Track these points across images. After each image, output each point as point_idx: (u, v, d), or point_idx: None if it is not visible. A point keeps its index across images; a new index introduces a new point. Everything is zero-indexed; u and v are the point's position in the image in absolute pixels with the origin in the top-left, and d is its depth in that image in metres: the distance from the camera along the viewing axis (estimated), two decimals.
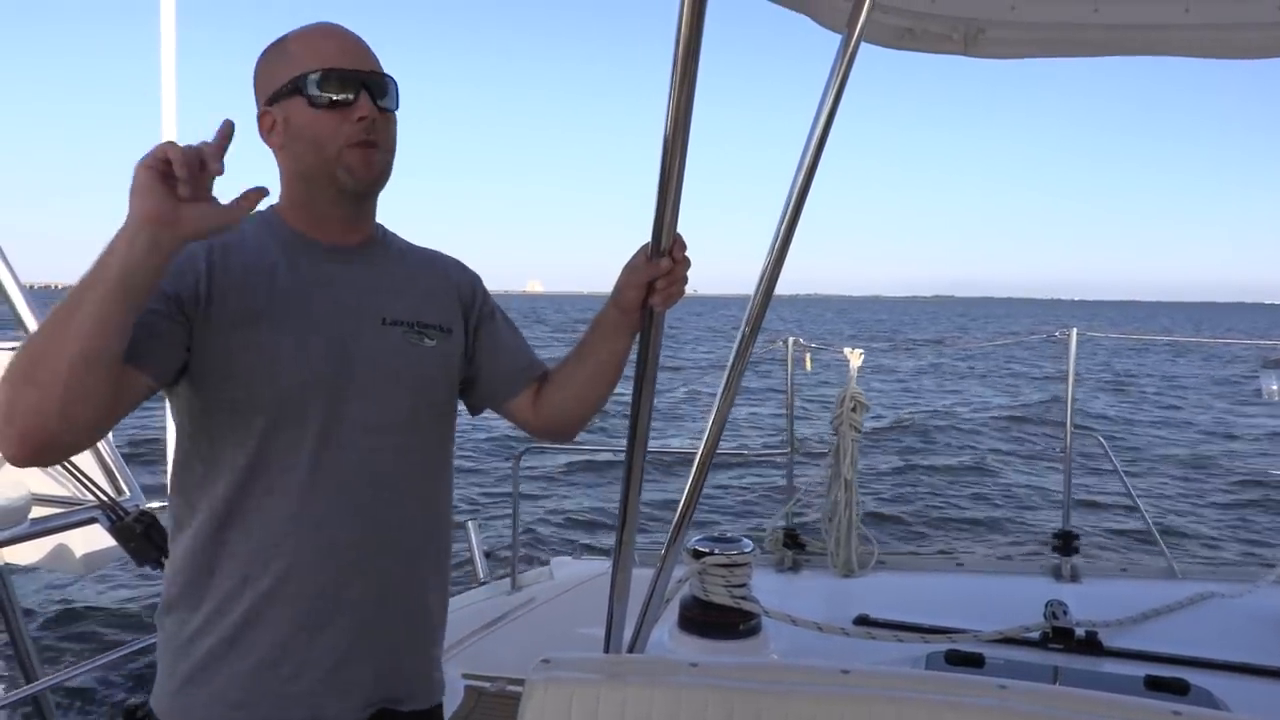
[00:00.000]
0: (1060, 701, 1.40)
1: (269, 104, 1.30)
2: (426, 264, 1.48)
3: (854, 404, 3.72)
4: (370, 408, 1.32)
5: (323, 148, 1.27)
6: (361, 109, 1.27)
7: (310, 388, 1.28)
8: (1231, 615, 3.07)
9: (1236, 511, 10.00)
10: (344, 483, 1.30)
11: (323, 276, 1.33)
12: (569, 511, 9.50)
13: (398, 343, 1.36)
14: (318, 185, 1.30)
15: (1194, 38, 2.05)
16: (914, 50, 2.06)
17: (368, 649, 1.34)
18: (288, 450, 1.27)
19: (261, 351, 1.25)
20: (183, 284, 1.21)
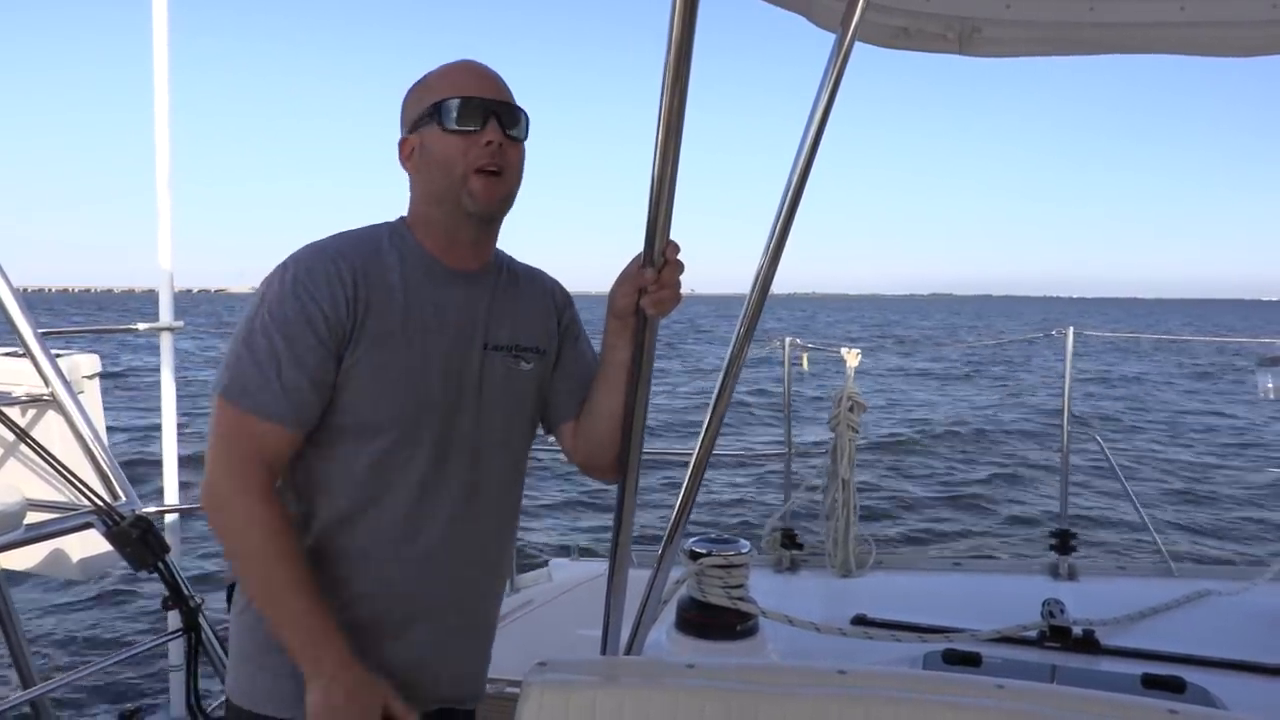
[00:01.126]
0: (1057, 701, 1.40)
1: (410, 131, 1.40)
2: (533, 288, 1.55)
3: (851, 404, 3.72)
4: (474, 428, 1.42)
5: (451, 170, 1.35)
6: (489, 134, 1.35)
7: (428, 409, 1.37)
8: (1228, 613, 3.07)
9: (1232, 509, 10.01)
10: (446, 499, 1.40)
11: (444, 299, 1.40)
12: (567, 513, 9.49)
13: (499, 367, 1.44)
14: (445, 207, 1.38)
15: (1189, 35, 2.05)
16: (909, 50, 2.06)
17: (442, 655, 1.44)
18: (402, 466, 1.36)
19: (390, 373, 1.34)
20: (335, 315, 1.31)
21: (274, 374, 1.28)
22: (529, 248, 1.83)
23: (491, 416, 1.44)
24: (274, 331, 1.29)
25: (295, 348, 1.29)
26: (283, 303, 1.30)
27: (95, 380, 2.97)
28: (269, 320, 1.30)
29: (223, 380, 1.31)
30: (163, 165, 3.08)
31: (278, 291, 1.31)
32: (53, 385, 2.45)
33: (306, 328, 1.29)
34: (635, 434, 1.48)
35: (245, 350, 1.30)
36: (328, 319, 1.30)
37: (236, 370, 1.30)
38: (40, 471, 2.64)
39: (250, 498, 1.27)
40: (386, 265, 1.37)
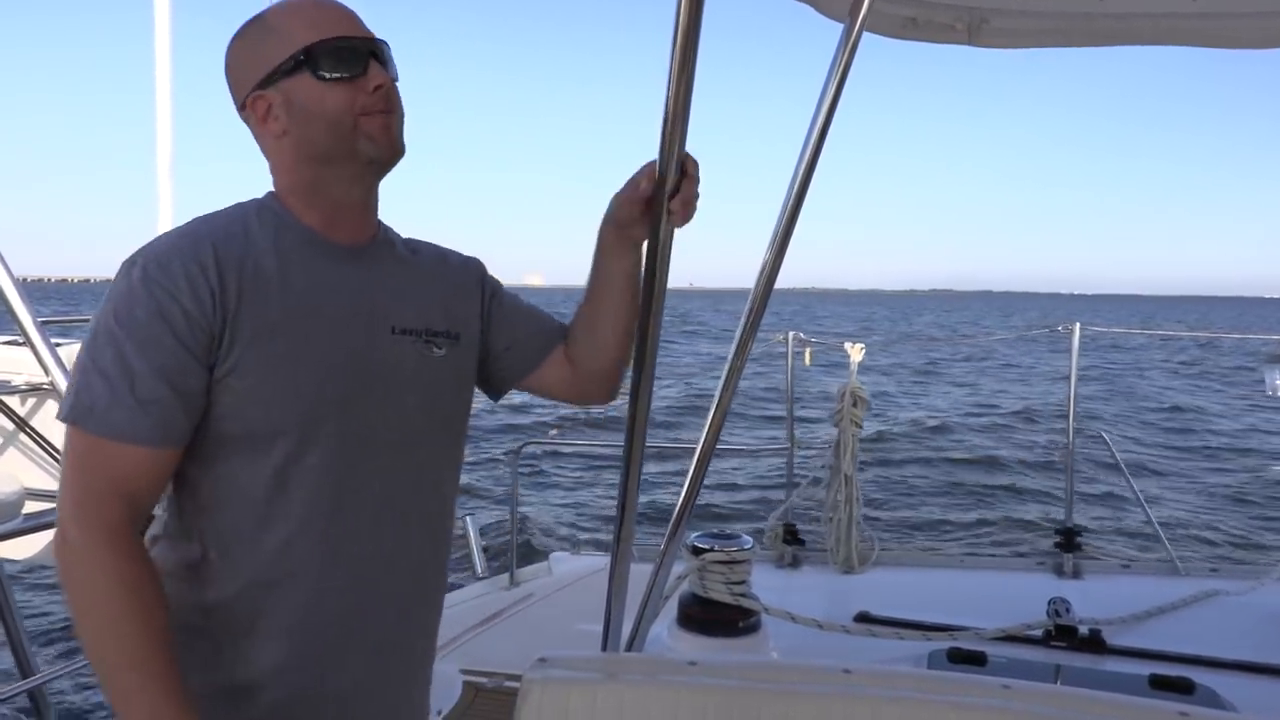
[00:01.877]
0: (1065, 702, 1.38)
1: (262, 86, 1.19)
2: (435, 263, 1.39)
3: (854, 399, 3.70)
4: (385, 426, 1.23)
5: (339, 122, 1.17)
6: (376, 78, 1.19)
7: (328, 406, 1.18)
8: (1236, 613, 3.05)
9: (1239, 507, 9.98)
10: (365, 506, 1.23)
11: (336, 280, 1.22)
12: (567, 506, 9.49)
13: (409, 353, 1.27)
14: (336, 165, 1.20)
15: (1201, 27, 2.02)
16: (917, 40, 2.03)
17: (382, 683, 1.28)
18: (307, 474, 1.18)
19: (278, 370, 1.15)
20: (199, 312, 1.10)
21: (126, 387, 1.07)
22: (527, 243, 1.76)
23: (405, 410, 1.26)
24: (123, 338, 1.08)
25: (150, 353, 1.08)
26: (132, 304, 1.09)
27: None
28: (115, 326, 1.08)
29: (67, 403, 1.09)
30: (163, 152, 3.05)
31: (124, 291, 1.09)
32: (52, 374, 2.44)
33: (164, 328, 1.08)
34: (638, 426, 1.46)
35: (90, 363, 1.08)
36: (189, 316, 1.09)
37: (82, 388, 1.08)
38: (39, 460, 2.64)
39: (99, 543, 1.06)
40: (257, 247, 1.17)
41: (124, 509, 1.09)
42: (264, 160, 1.26)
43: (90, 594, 1.06)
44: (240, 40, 1.22)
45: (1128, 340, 34.51)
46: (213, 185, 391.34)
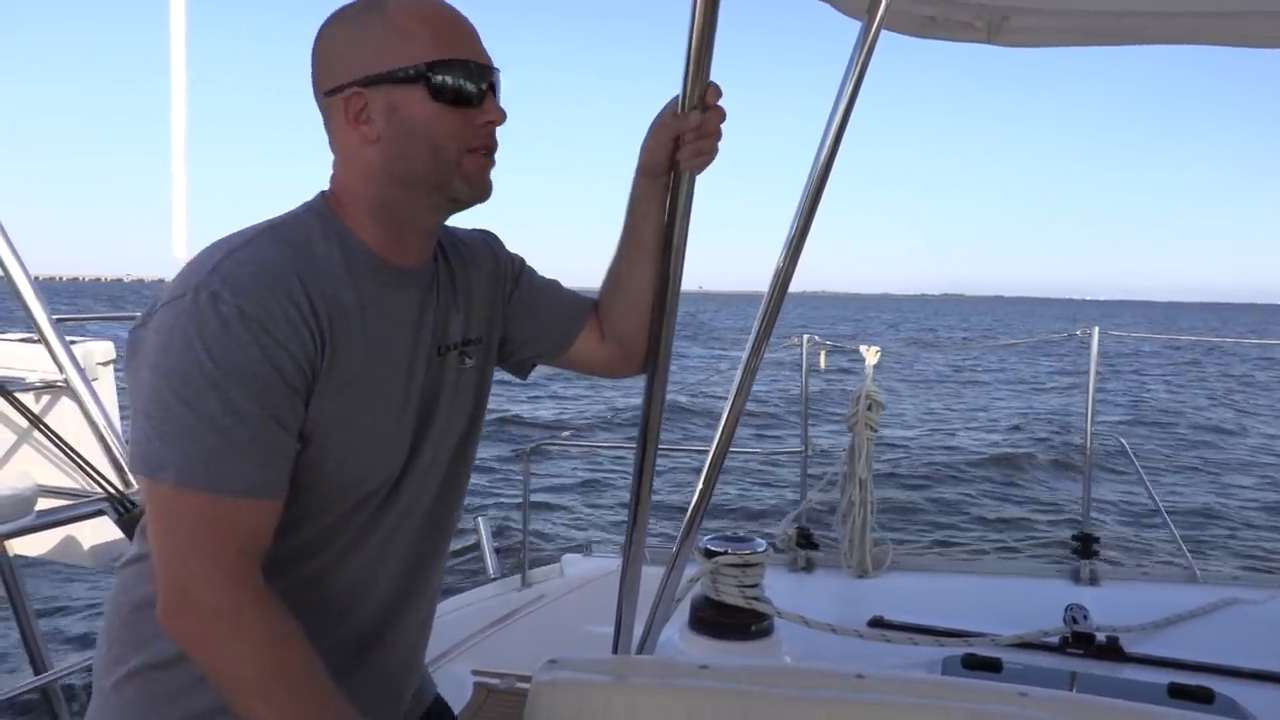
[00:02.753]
0: (1084, 711, 1.36)
1: (365, 85, 1.07)
2: (470, 261, 1.30)
3: (869, 403, 3.67)
4: (433, 456, 1.20)
5: (442, 151, 1.08)
6: (490, 113, 1.10)
7: (395, 450, 1.13)
8: (1256, 622, 3.01)
9: (1258, 514, 9.87)
10: (406, 537, 1.19)
11: (396, 310, 1.14)
12: (579, 508, 9.48)
13: (450, 373, 1.22)
14: (421, 192, 1.11)
15: (1225, 26, 1.99)
16: (936, 38, 2.00)
17: (392, 693, 1.26)
18: (358, 511, 1.12)
19: (355, 418, 1.07)
20: (304, 355, 1.01)
21: (246, 436, 0.96)
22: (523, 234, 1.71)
23: (448, 434, 1.22)
24: (229, 383, 0.95)
25: (267, 400, 0.97)
26: (230, 345, 0.95)
27: (109, 367, 2.97)
28: (214, 369, 0.94)
29: (161, 461, 0.95)
30: (178, 151, 3.06)
31: (215, 331, 0.95)
32: (66, 372, 2.45)
33: (275, 375, 0.98)
34: (651, 428, 1.45)
35: (188, 414, 0.94)
36: (296, 361, 0.99)
37: (183, 442, 0.94)
38: (53, 458, 2.64)
39: (256, 607, 0.97)
40: (334, 276, 1.07)
41: (255, 567, 1.00)
42: (275, 157, 1.22)
43: (268, 661, 0.97)
44: (348, 24, 1.10)
45: (1144, 345, 34.24)
46: (226, 184, 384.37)
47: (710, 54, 1.20)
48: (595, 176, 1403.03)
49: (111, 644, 1.12)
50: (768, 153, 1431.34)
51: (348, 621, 1.16)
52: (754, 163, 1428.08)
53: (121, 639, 1.11)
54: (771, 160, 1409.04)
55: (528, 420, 15.19)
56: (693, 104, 1.23)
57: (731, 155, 1.53)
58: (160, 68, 2.96)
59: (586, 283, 1.64)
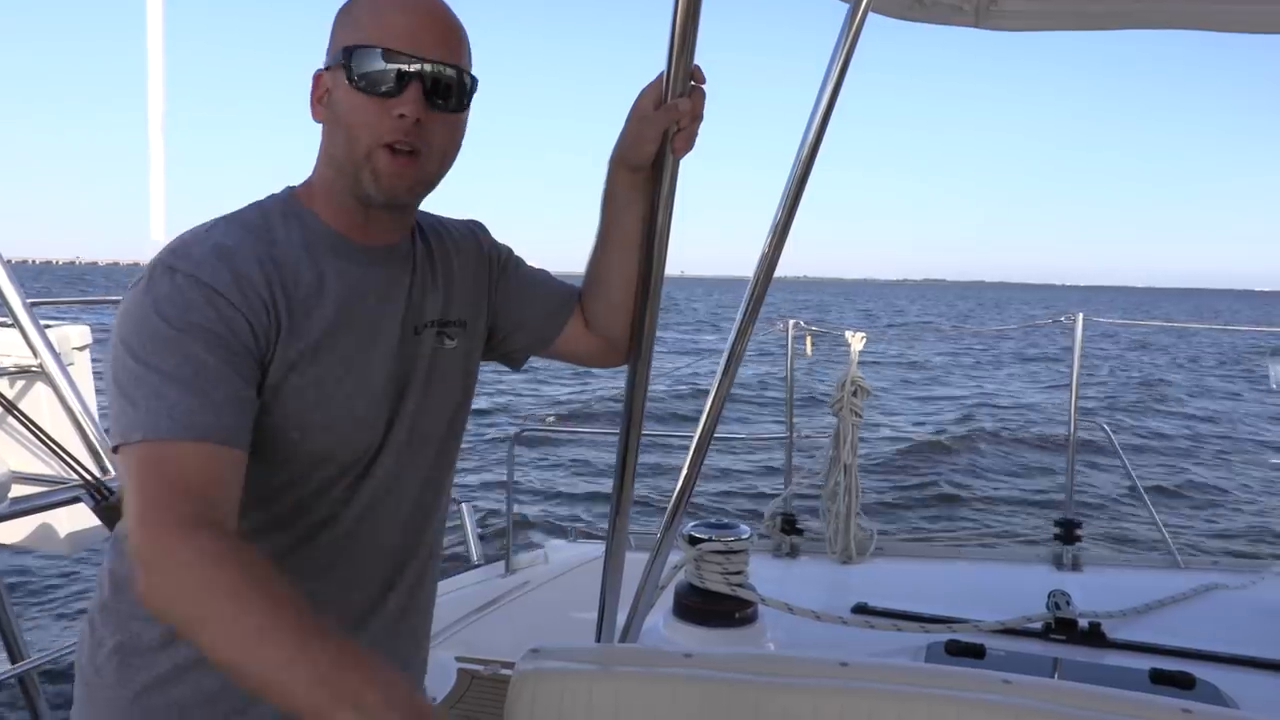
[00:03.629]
0: (1067, 698, 1.36)
1: (327, 66, 1.09)
2: (458, 243, 1.29)
3: (855, 388, 3.67)
4: (402, 425, 1.18)
5: (355, 140, 1.05)
6: (405, 104, 1.04)
7: (366, 424, 1.13)
8: (1236, 607, 3.03)
9: (1239, 500, 9.97)
10: (380, 508, 1.17)
11: (363, 285, 1.13)
12: (564, 494, 9.47)
13: (426, 350, 1.20)
14: (345, 180, 1.09)
15: (1212, 11, 1.98)
16: (923, 21, 1.99)
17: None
18: (330, 486, 1.12)
19: (319, 389, 1.07)
20: (259, 324, 1.01)
21: (207, 383, 0.96)
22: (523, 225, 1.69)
23: (420, 409, 1.20)
24: (184, 339, 0.96)
25: (222, 354, 0.98)
26: (183, 305, 0.97)
27: (85, 352, 2.93)
28: (168, 328, 0.96)
29: (132, 423, 0.94)
30: (156, 135, 3.02)
31: (169, 294, 0.98)
32: (41, 356, 2.41)
33: (229, 333, 0.99)
34: (635, 413, 1.43)
35: (150, 374, 0.95)
36: (250, 327, 1.00)
37: (149, 401, 0.94)
38: (27, 444, 2.60)
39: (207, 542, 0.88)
40: (292, 255, 1.07)
41: (222, 514, 0.93)
42: (267, 145, 1.20)
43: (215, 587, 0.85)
44: (339, 12, 1.11)
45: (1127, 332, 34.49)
46: (206, 171, 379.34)
47: (694, 39, 1.18)
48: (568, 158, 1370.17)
49: (94, 625, 1.13)
50: (751, 137, 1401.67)
51: (331, 604, 1.15)
52: (738, 147, 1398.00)
53: (102, 618, 1.12)
54: (755, 144, 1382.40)
55: (512, 406, 15.17)
56: (678, 90, 1.21)
57: (716, 140, 1.50)
58: (138, 45, 2.91)
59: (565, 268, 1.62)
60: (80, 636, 1.16)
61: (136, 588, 0.90)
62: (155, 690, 1.08)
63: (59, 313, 3.27)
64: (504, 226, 34.71)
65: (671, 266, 1.39)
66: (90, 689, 1.12)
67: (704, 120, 1.25)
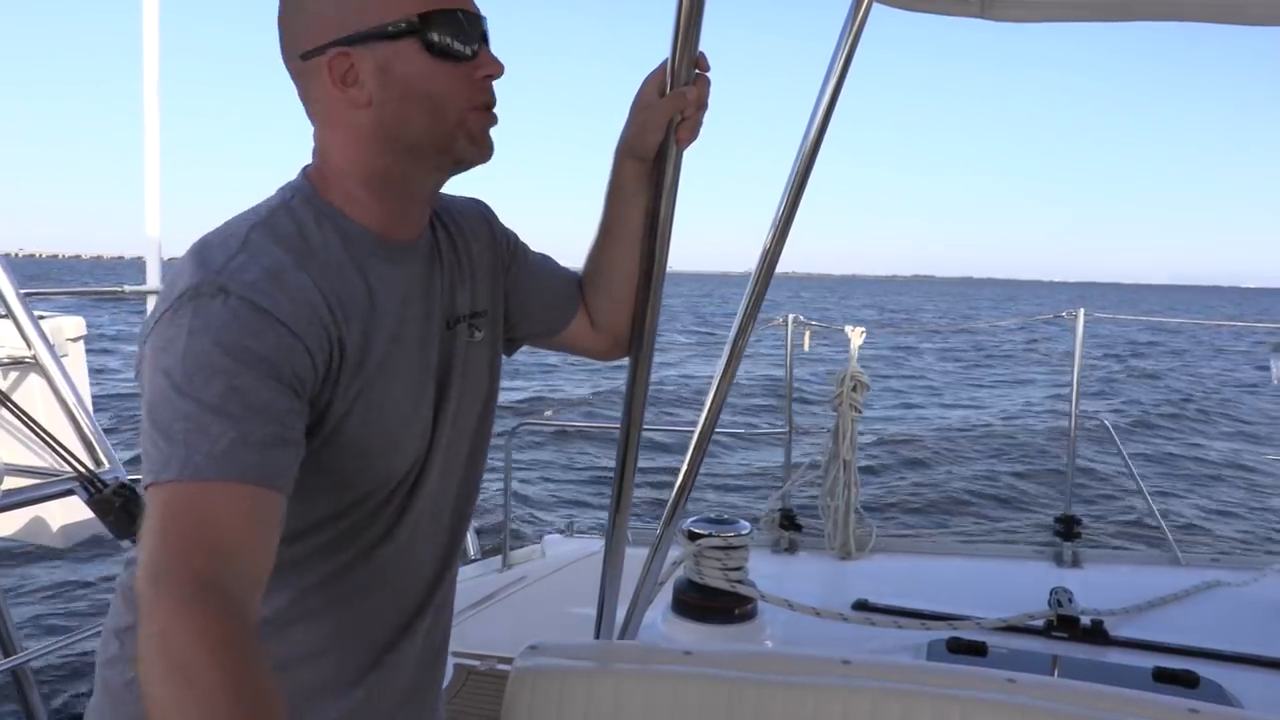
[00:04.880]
0: (1072, 697, 1.34)
1: (350, 44, 0.97)
2: (470, 233, 1.22)
3: (854, 383, 3.65)
4: (450, 429, 1.12)
5: (442, 110, 0.99)
6: (489, 64, 1.02)
7: (420, 434, 1.07)
8: (1239, 605, 3.02)
9: (1240, 497, 9.97)
10: (428, 516, 1.12)
11: (405, 289, 1.06)
12: (562, 488, 9.47)
13: (462, 347, 1.15)
14: (420, 158, 1.02)
15: (1215, 3, 1.96)
16: (929, 12, 1.96)
17: (430, 683, 1.23)
18: (386, 503, 1.06)
19: (380, 411, 1.01)
20: (318, 358, 0.93)
21: (257, 419, 0.86)
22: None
23: (465, 411, 1.15)
24: (237, 370, 0.87)
25: (277, 387, 0.89)
26: (242, 334, 0.88)
27: (80, 343, 2.91)
28: (222, 356, 0.87)
29: (160, 461, 0.84)
30: (152, 128, 3.00)
31: (223, 318, 0.88)
32: (35, 347, 2.39)
33: (288, 368, 0.90)
34: (635, 407, 1.41)
35: (193, 407, 0.85)
36: (310, 356, 0.92)
37: (188, 436, 0.84)
38: (21, 436, 2.58)
39: (202, 605, 0.78)
40: (337, 264, 0.98)
41: (219, 568, 0.82)
42: (261, 142, 1.13)
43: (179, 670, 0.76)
44: None
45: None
46: (196, 165, 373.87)
47: (699, 28, 1.17)
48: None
49: (121, 641, 1.07)
50: (754, 130, 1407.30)
51: (382, 616, 1.11)
52: (741, 141, 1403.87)
53: (134, 636, 1.05)
54: (758, 137, 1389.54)
55: (509, 399, 15.17)
56: (683, 79, 1.19)
57: (719, 132, 1.48)
58: (133, 39, 2.89)
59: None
60: (104, 652, 1.08)
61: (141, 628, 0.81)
62: None
63: (52, 304, 3.24)
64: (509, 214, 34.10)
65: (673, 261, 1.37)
66: (123, 705, 1.05)
67: (709, 109, 1.24)
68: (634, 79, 1.27)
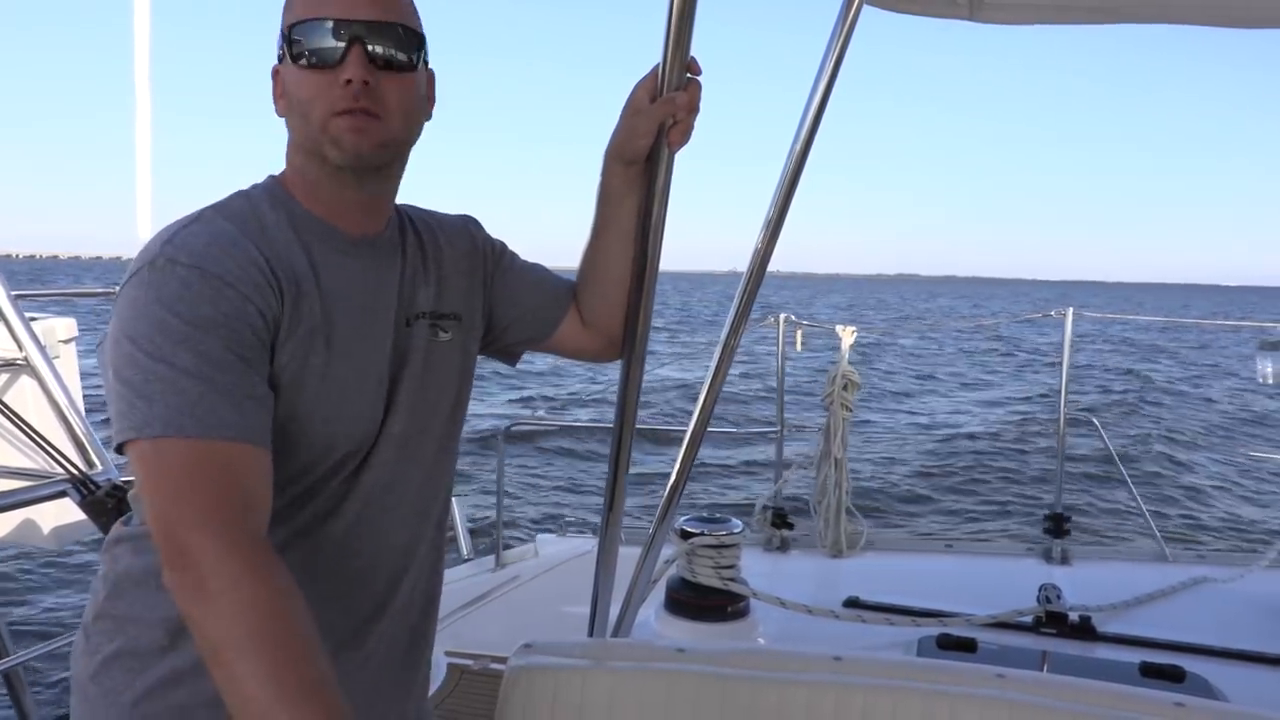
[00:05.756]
0: (1059, 692, 1.36)
1: (280, 61, 1.09)
2: (449, 237, 1.27)
3: (845, 382, 3.67)
4: (399, 419, 1.15)
5: (308, 117, 1.04)
6: (349, 69, 1.02)
7: (363, 416, 1.11)
8: (1225, 600, 3.05)
9: (1226, 494, 10.04)
10: (373, 504, 1.14)
11: (353, 275, 1.11)
12: (554, 488, 9.47)
13: (420, 342, 1.18)
14: (315, 162, 1.08)
15: (1203, 5, 1.98)
16: (917, 14, 1.97)
17: (396, 683, 1.23)
18: (327, 479, 1.10)
19: (317, 379, 1.05)
20: (270, 313, 1.00)
21: (228, 382, 0.94)
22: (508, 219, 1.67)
23: (417, 403, 1.17)
24: (200, 335, 0.94)
25: (240, 349, 0.97)
26: (194, 300, 0.95)
27: (71, 345, 2.91)
28: (182, 324, 0.94)
29: (144, 418, 0.92)
30: (143, 128, 2.98)
31: (177, 290, 0.95)
32: (27, 349, 2.39)
33: (244, 325, 0.97)
34: (629, 407, 1.43)
35: (166, 369, 0.92)
36: (260, 313, 0.99)
37: (166, 395, 0.92)
38: (12, 438, 2.57)
39: (243, 555, 0.88)
40: (284, 240, 1.06)
41: (256, 520, 0.93)
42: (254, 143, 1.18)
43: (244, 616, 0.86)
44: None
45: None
46: (189, 161, 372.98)
47: (690, 30, 1.17)
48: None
49: (89, 634, 1.10)
50: (745, 132, 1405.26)
51: (338, 606, 1.13)
52: (732, 142, 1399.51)
53: (99, 626, 1.09)
54: (749, 139, 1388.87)
55: (504, 398, 15.15)
56: (675, 83, 1.20)
57: (711, 134, 1.50)
58: (123, 31, 2.87)
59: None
60: (74, 648, 1.12)
61: (172, 583, 0.89)
62: (156, 695, 1.06)
63: (43, 305, 3.23)
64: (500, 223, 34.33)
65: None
66: (88, 701, 1.09)
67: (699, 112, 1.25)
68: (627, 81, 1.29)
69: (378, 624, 1.19)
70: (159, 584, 0.99)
